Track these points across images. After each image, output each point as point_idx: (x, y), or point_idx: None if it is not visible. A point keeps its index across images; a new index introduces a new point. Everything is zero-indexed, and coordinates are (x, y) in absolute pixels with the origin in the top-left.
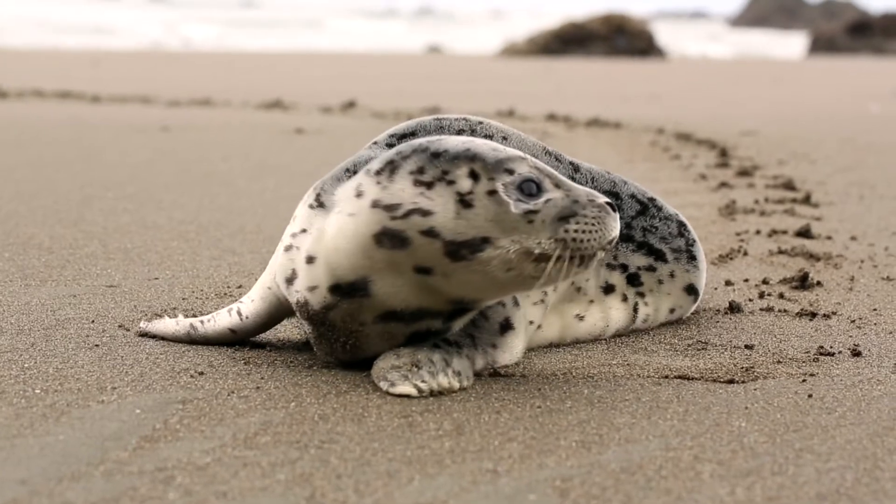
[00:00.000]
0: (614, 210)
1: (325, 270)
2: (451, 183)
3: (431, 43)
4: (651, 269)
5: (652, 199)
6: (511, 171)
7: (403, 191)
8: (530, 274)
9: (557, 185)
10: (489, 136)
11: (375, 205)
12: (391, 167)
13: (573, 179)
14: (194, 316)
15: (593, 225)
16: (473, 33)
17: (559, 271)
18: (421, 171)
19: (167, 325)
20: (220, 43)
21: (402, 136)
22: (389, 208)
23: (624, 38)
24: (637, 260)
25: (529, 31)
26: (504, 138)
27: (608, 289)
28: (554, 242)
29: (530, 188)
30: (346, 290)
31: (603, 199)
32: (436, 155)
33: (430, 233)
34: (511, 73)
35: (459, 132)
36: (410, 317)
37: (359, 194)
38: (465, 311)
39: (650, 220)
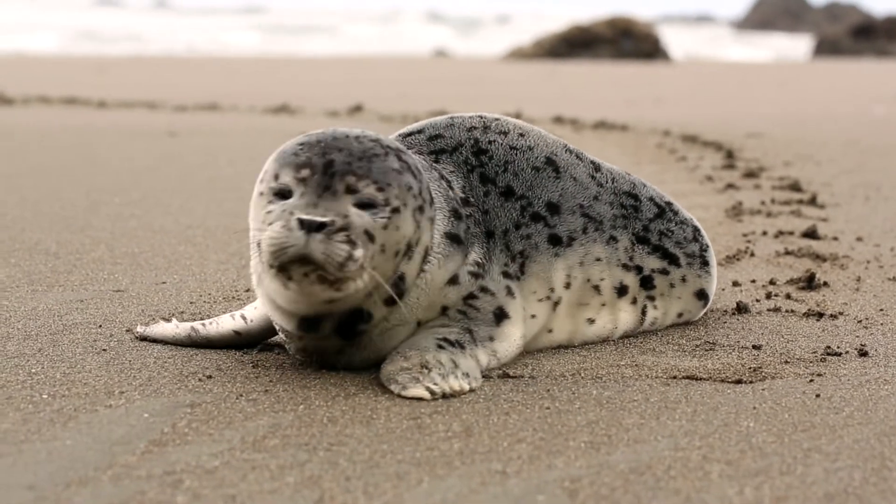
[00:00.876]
0: (317, 230)
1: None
2: (259, 182)
3: (437, 47)
4: (664, 272)
5: (669, 204)
6: (277, 177)
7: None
8: (273, 282)
9: (302, 196)
10: (504, 133)
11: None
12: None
13: (592, 178)
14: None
15: (272, 237)
16: (479, 37)
17: (280, 282)
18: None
19: (166, 328)
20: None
21: (408, 135)
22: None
23: (630, 42)
24: (652, 262)
25: (535, 34)
26: (521, 135)
27: (621, 290)
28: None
29: (285, 197)
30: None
31: (305, 216)
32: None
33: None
34: (517, 76)
35: (471, 129)
36: (311, 324)
37: None
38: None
39: (667, 223)
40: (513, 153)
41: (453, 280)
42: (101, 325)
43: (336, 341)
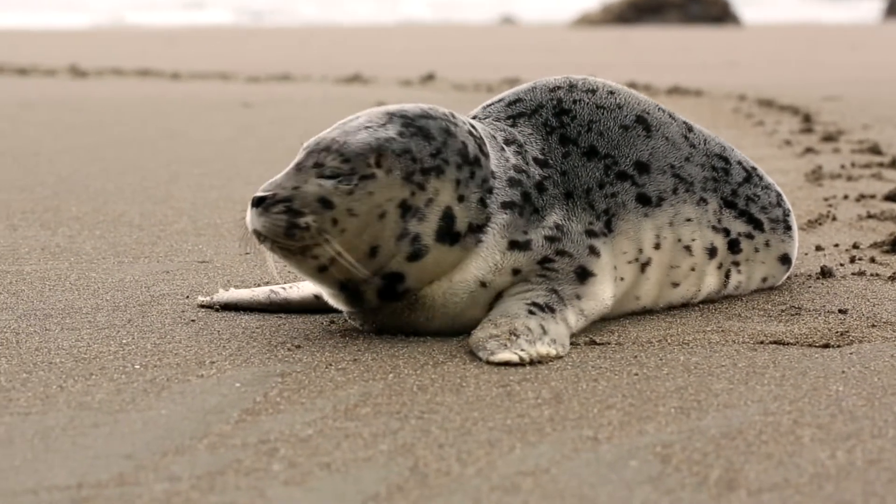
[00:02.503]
0: (256, 205)
1: None
2: None
3: (503, 13)
4: (749, 236)
5: (754, 168)
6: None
7: None
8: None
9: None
10: (592, 91)
11: None
12: None
13: (685, 139)
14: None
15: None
16: (545, 2)
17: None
18: None
19: (242, 292)
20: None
21: (489, 105)
22: None
23: (698, 6)
24: (738, 226)
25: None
26: (610, 92)
27: (712, 252)
28: None
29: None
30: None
31: (259, 194)
32: None
33: None
34: (587, 42)
35: (555, 89)
36: (353, 297)
37: None
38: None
39: (753, 188)
40: (599, 112)
41: (521, 245)
42: (188, 296)
43: (389, 306)
